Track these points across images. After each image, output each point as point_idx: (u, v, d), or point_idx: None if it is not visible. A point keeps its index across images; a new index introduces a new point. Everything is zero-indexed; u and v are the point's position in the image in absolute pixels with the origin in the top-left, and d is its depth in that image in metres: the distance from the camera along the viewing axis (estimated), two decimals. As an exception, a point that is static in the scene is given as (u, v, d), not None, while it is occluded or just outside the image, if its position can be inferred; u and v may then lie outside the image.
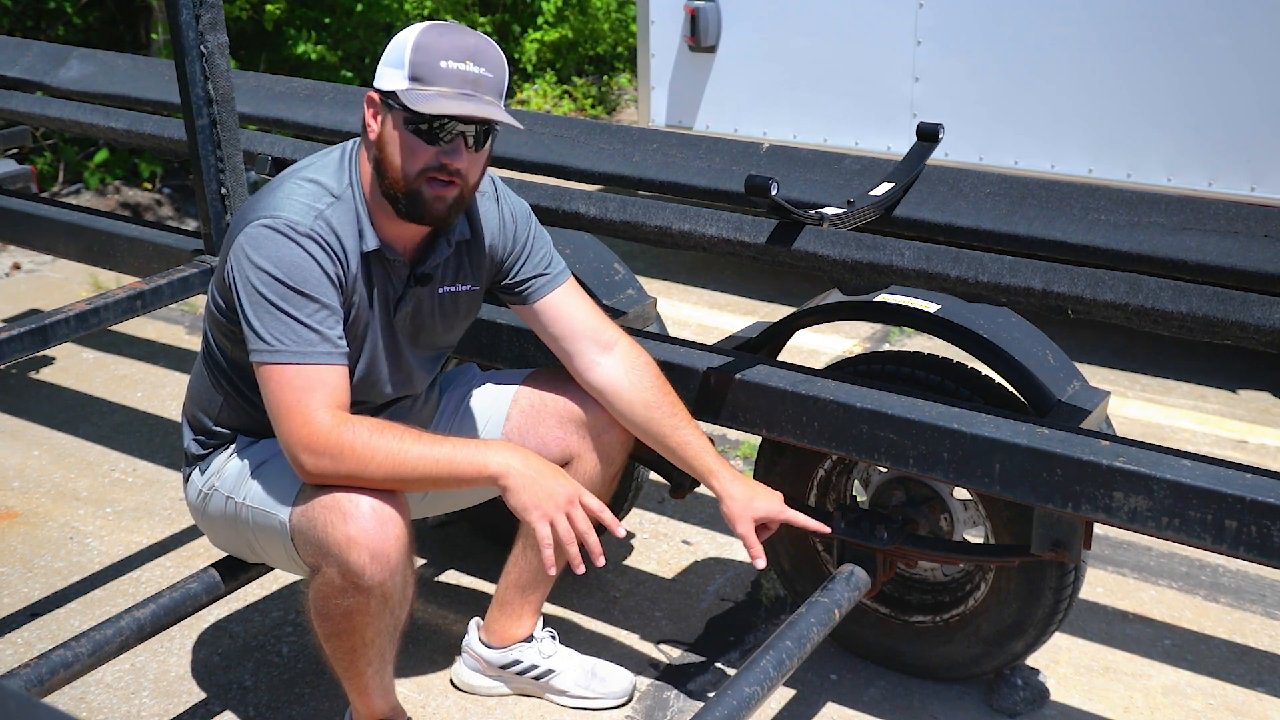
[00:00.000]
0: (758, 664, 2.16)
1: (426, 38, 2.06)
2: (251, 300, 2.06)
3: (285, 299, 2.05)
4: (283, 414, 2.05)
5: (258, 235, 2.08)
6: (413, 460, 2.06)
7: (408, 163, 2.09)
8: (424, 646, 2.86)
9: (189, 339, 4.79)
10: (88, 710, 2.68)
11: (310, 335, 2.06)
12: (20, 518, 3.48)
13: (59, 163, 6.52)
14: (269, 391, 2.07)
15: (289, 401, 2.04)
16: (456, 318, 2.39)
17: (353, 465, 2.04)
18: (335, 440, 2.02)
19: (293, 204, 2.11)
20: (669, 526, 3.39)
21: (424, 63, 2.05)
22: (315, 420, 2.03)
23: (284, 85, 3.67)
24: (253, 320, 2.06)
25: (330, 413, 2.04)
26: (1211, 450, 3.75)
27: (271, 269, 2.06)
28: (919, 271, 2.31)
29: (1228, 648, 2.88)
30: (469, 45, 2.07)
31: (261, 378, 2.08)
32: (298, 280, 2.06)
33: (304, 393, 2.04)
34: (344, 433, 2.03)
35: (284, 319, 2.05)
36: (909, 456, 2.28)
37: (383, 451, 2.04)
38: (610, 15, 9.05)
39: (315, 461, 2.04)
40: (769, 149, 2.88)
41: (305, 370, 2.05)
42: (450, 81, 2.05)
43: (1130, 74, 4.40)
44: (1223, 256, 2.28)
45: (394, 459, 2.04)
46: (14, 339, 2.83)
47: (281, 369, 2.05)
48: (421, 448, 2.07)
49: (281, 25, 7.15)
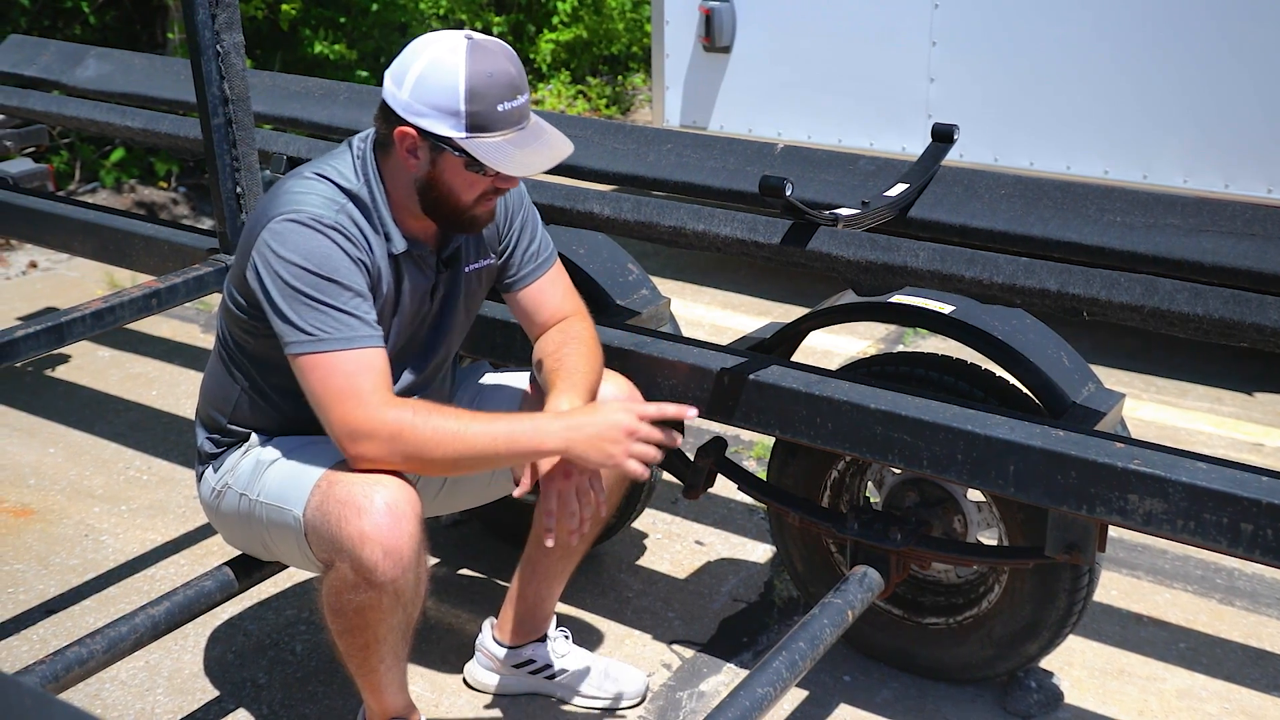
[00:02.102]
0: (770, 665, 2.16)
1: (478, 83, 2.04)
2: (284, 294, 2.07)
3: (319, 289, 2.06)
4: (333, 403, 2.05)
5: (283, 230, 2.08)
6: (473, 438, 2.06)
7: (466, 194, 2.14)
8: (437, 645, 2.86)
9: (204, 337, 4.81)
10: (102, 707, 2.68)
11: (351, 320, 2.07)
12: (36, 515, 3.49)
13: (75, 161, 6.55)
14: (314, 382, 2.06)
15: (338, 389, 2.04)
16: (479, 292, 2.42)
17: (412, 447, 2.04)
18: (392, 423, 2.03)
19: (313, 199, 2.12)
20: (682, 527, 3.39)
21: (481, 112, 2.05)
22: (368, 404, 2.04)
23: (299, 85, 3.68)
24: (288, 314, 2.06)
25: (381, 396, 2.05)
26: (1227, 453, 3.73)
27: (301, 261, 2.06)
28: (933, 273, 2.31)
29: (1243, 651, 2.87)
30: (512, 77, 2.08)
31: (304, 369, 2.07)
32: (329, 269, 2.07)
33: (353, 378, 2.04)
34: (401, 415, 2.04)
35: (321, 309, 2.06)
36: (923, 458, 2.27)
37: (444, 432, 2.05)
38: (625, 15, 9.05)
39: (372, 447, 2.04)
40: (783, 149, 2.87)
41: (351, 355, 2.05)
42: (509, 123, 2.08)
43: (1146, 75, 4.39)
44: (1239, 258, 2.27)
45: (456, 439, 2.05)
46: (30, 337, 2.85)
47: (326, 358, 2.05)
48: (480, 425, 2.08)
49: (297, 25, 7.17)
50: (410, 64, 2.08)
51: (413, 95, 2.07)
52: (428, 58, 2.06)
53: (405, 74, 2.08)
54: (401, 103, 2.08)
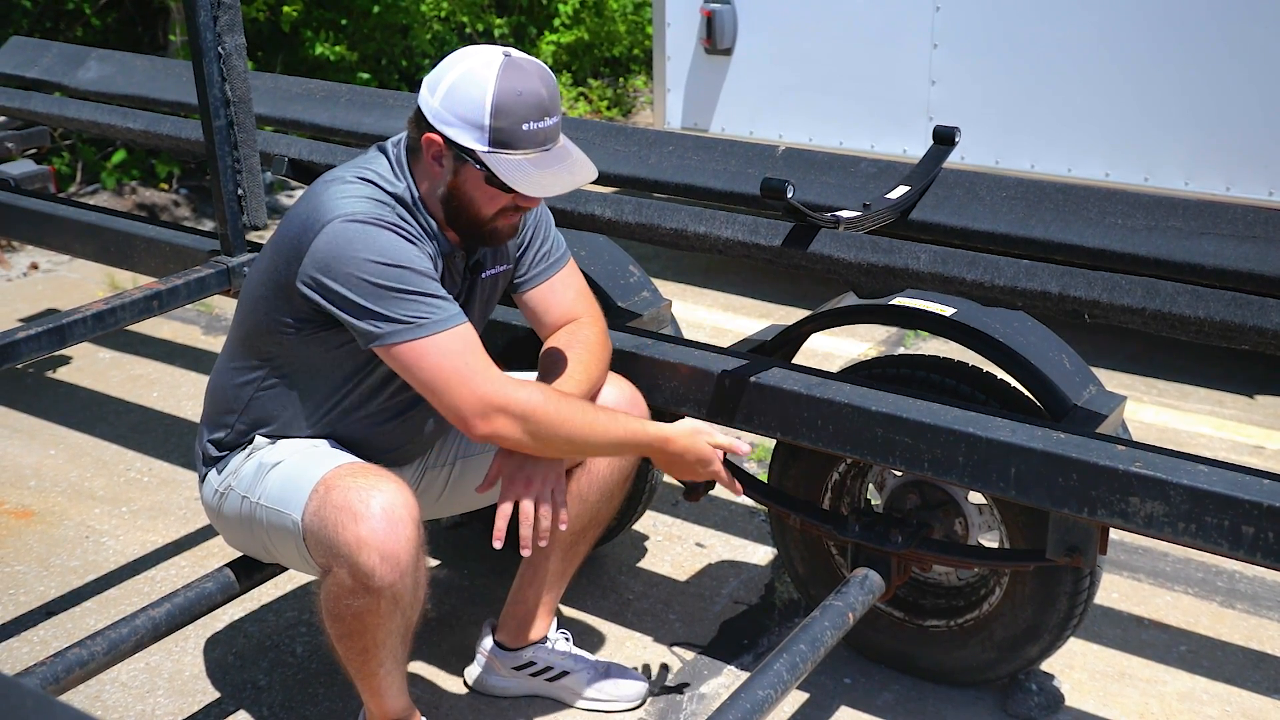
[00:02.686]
0: (771, 667, 2.16)
1: (506, 100, 2.05)
2: (365, 293, 2.06)
3: (403, 279, 2.07)
4: (453, 384, 2.08)
5: (346, 231, 2.08)
6: (603, 429, 2.18)
7: (486, 208, 2.16)
8: (438, 647, 2.86)
9: (205, 339, 4.81)
10: (103, 709, 2.68)
11: (441, 303, 2.10)
12: (37, 516, 3.49)
13: (77, 163, 6.55)
14: (426, 368, 2.08)
15: (454, 368, 2.07)
16: (494, 298, 2.44)
17: (542, 425, 2.11)
18: (525, 402, 2.09)
19: (363, 202, 2.13)
20: (683, 529, 3.39)
21: (505, 128, 2.06)
22: (492, 380, 2.09)
23: (300, 86, 3.69)
24: (378, 309, 2.06)
25: (497, 371, 2.11)
26: (1228, 456, 3.73)
27: (376, 256, 2.07)
28: (935, 275, 2.31)
29: (1244, 654, 2.87)
30: (543, 98, 2.09)
31: (409, 358, 2.08)
32: (406, 260, 2.09)
33: (466, 355, 2.08)
34: (531, 395, 2.11)
35: (411, 298, 2.07)
36: (924, 460, 2.27)
37: (575, 419, 2.14)
38: (626, 18, 9.05)
39: (505, 424, 2.09)
40: (785, 152, 2.87)
41: (453, 334, 2.08)
42: (532, 143, 2.09)
43: (1148, 77, 4.39)
44: (1241, 261, 2.27)
45: (587, 427, 2.15)
46: (31, 338, 2.85)
47: (429, 341, 2.07)
48: (605, 417, 2.19)
49: (299, 27, 7.17)
50: (446, 73, 2.10)
51: (443, 104, 2.09)
52: (462, 69, 2.09)
53: (439, 82, 2.10)
54: (432, 110, 2.10)
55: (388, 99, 3.51)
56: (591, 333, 2.40)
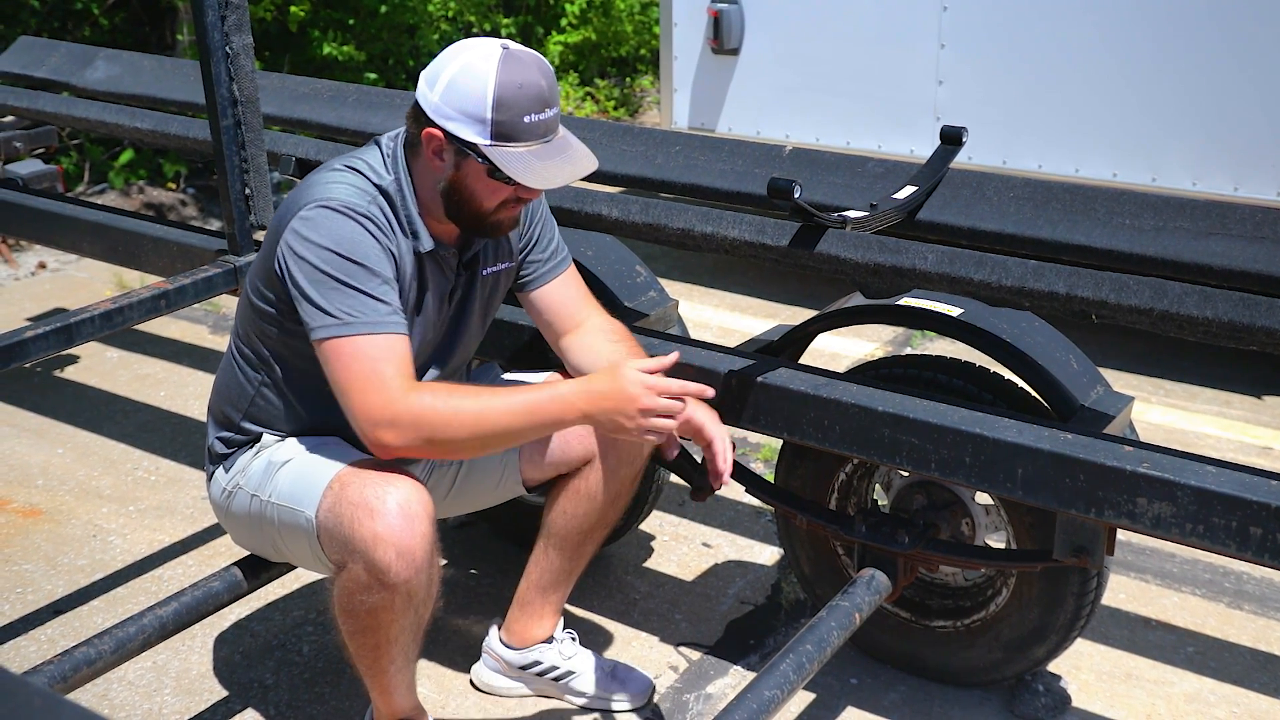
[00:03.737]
0: (777, 667, 2.16)
1: (506, 93, 2.05)
2: (313, 279, 2.07)
3: (349, 273, 2.07)
4: (356, 387, 2.05)
5: (314, 215, 2.10)
6: (497, 413, 2.07)
7: (488, 201, 2.16)
8: (444, 646, 2.86)
9: (212, 338, 4.81)
10: (110, 707, 2.69)
11: (378, 306, 2.08)
12: (44, 515, 3.50)
13: (84, 163, 6.56)
14: (338, 367, 2.07)
15: (361, 372, 2.05)
16: (497, 296, 2.43)
17: (435, 429, 2.05)
18: (414, 406, 2.04)
19: (345, 188, 2.14)
20: (689, 529, 3.39)
21: (507, 121, 2.06)
22: (390, 388, 2.04)
23: (308, 86, 3.69)
24: (316, 298, 2.07)
25: (403, 380, 2.06)
26: (1236, 457, 3.72)
27: (332, 245, 2.07)
28: (942, 275, 2.31)
29: (1251, 655, 2.86)
30: (542, 90, 2.08)
31: (329, 354, 2.07)
32: (359, 254, 2.08)
33: (377, 362, 2.05)
34: (422, 398, 2.05)
35: (350, 292, 2.06)
36: (931, 461, 2.27)
37: (466, 410, 2.06)
38: (633, 17, 9.05)
39: (394, 434, 2.04)
40: (791, 152, 2.87)
41: (376, 340, 2.06)
42: (534, 135, 2.08)
43: (1156, 77, 4.38)
44: (1249, 261, 2.27)
45: (479, 415, 2.06)
46: (39, 337, 2.85)
47: (351, 341, 2.05)
48: (502, 400, 2.09)
49: (306, 26, 7.18)
50: (444, 67, 2.10)
51: (443, 98, 2.08)
52: (461, 63, 2.08)
53: (438, 77, 2.10)
54: (431, 105, 2.10)
55: (395, 99, 3.51)
56: (607, 321, 2.44)
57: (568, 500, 2.49)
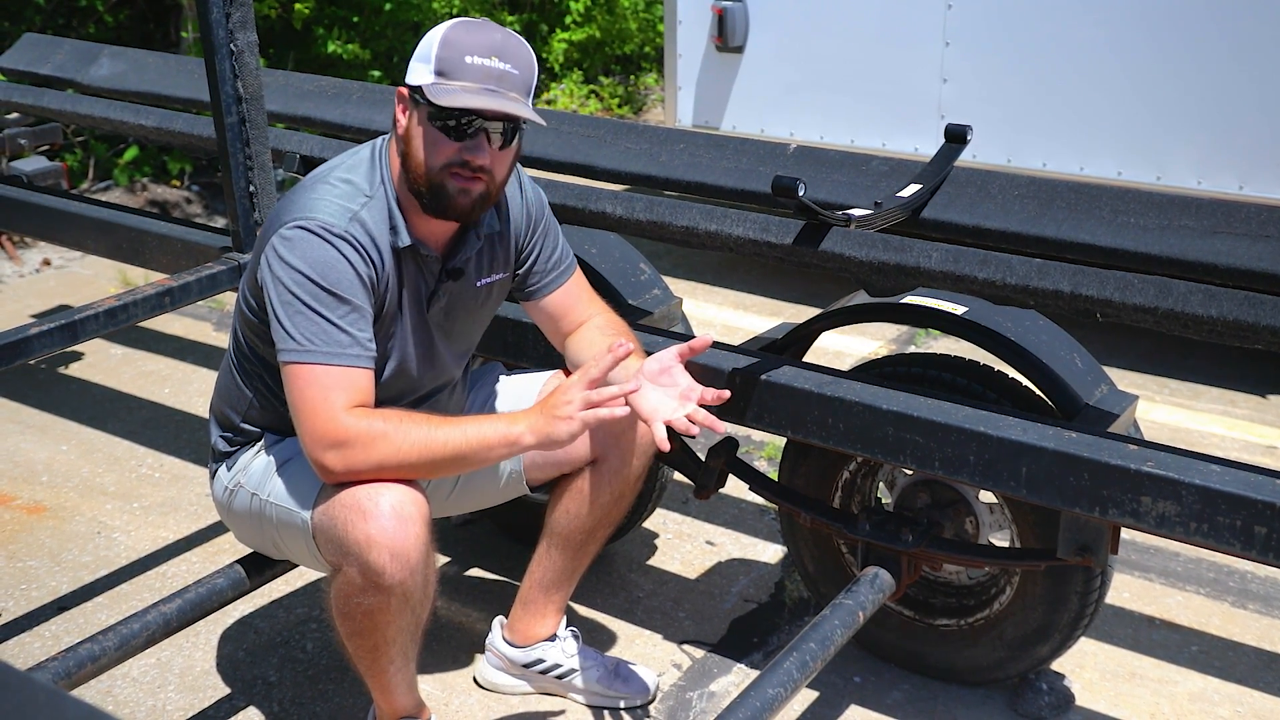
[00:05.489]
0: (781, 665, 2.16)
1: (454, 33, 2.08)
2: (283, 300, 2.07)
3: (318, 299, 2.06)
4: (306, 412, 2.05)
5: (292, 236, 2.09)
6: (442, 440, 2.06)
7: (430, 156, 2.11)
8: (447, 645, 2.86)
9: (216, 336, 4.82)
10: (114, 704, 2.69)
11: (341, 336, 2.07)
12: (48, 512, 3.50)
13: (89, 160, 6.56)
14: (294, 390, 2.07)
15: (313, 399, 2.05)
16: (490, 306, 2.42)
17: (383, 453, 2.03)
18: (362, 430, 2.03)
19: (327, 205, 2.12)
20: (693, 527, 3.39)
21: (450, 58, 2.07)
22: (338, 418, 2.04)
23: (312, 84, 3.69)
24: (284, 320, 2.07)
25: (352, 411, 2.05)
26: (1241, 456, 3.72)
27: (305, 269, 2.07)
28: (946, 273, 2.31)
29: (1256, 655, 2.86)
30: (496, 41, 2.08)
31: (288, 377, 2.08)
32: (331, 281, 2.07)
33: (330, 391, 2.05)
34: (371, 423, 2.04)
35: (315, 319, 2.06)
36: (935, 459, 2.27)
37: (412, 436, 2.05)
38: (638, 15, 9.04)
39: (341, 456, 2.04)
40: (796, 150, 2.87)
41: (333, 371, 2.06)
42: (475, 77, 2.06)
43: (1160, 76, 4.37)
44: (1254, 260, 2.26)
45: (424, 442, 2.05)
46: (44, 334, 2.86)
47: (309, 369, 2.05)
48: (448, 428, 2.08)
49: (310, 24, 7.18)
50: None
51: (410, 60, 2.13)
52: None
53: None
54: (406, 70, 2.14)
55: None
56: (611, 319, 2.44)
57: (571, 500, 2.49)
